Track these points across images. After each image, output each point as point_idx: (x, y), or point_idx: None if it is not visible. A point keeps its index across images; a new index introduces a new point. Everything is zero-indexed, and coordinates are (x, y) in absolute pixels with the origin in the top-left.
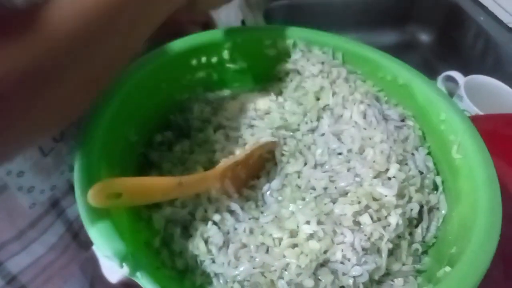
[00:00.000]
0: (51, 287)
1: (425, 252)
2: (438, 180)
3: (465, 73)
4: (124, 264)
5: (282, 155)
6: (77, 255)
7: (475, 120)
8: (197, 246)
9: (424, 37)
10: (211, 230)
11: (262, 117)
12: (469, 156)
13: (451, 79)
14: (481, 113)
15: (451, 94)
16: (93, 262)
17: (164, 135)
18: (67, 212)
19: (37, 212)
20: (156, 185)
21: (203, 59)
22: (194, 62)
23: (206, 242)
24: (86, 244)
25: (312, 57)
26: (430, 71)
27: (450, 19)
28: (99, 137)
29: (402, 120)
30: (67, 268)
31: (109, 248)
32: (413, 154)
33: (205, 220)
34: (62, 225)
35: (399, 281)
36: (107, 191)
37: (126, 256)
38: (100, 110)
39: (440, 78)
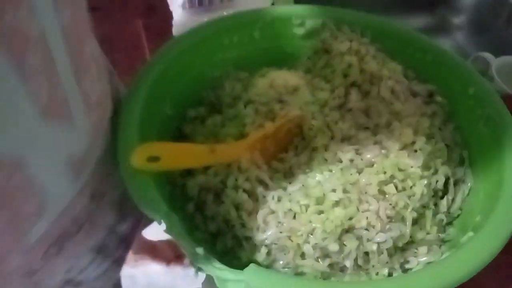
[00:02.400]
0: None
1: (450, 223)
2: (465, 154)
3: (497, 55)
4: (162, 221)
5: (310, 129)
6: None
7: (506, 100)
8: (228, 212)
9: (455, 19)
10: (241, 197)
11: (291, 93)
12: (497, 130)
13: (482, 60)
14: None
15: (483, 75)
16: None
17: (197, 110)
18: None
19: None
20: (191, 150)
21: (235, 39)
22: (226, 41)
23: (236, 208)
24: None
25: (341, 35)
26: (461, 53)
27: (482, 1)
28: (137, 111)
29: (430, 96)
30: None
31: (150, 205)
32: (440, 128)
33: (236, 188)
34: None
35: (423, 249)
36: (147, 154)
37: (165, 214)
38: (137, 86)
39: (470, 59)
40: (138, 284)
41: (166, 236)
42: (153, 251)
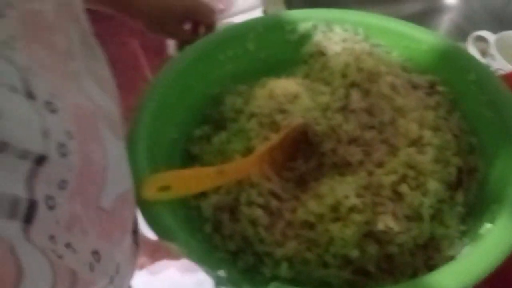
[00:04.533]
0: None
1: (468, 214)
2: (474, 140)
3: (496, 31)
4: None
5: (315, 135)
6: None
7: (509, 77)
8: (245, 229)
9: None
10: (256, 212)
11: (292, 101)
12: (503, 112)
13: (482, 39)
14: None
15: (483, 54)
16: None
17: (202, 129)
18: None
19: None
20: (200, 174)
21: (230, 53)
22: (221, 56)
23: (253, 224)
24: None
25: (334, 36)
26: (460, 33)
27: None
28: (143, 140)
29: (432, 87)
30: None
31: (167, 234)
32: (446, 119)
33: (250, 204)
34: None
35: (444, 244)
36: (158, 184)
37: (183, 241)
38: (141, 115)
39: (470, 38)
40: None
41: None
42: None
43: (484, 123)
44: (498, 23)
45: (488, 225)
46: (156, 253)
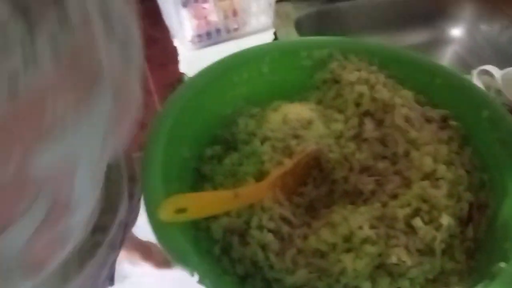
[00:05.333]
0: None
1: (477, 249)
2: (485, 177)
3: (501, 66)
4: (194, 273)
5: (328, 161)
6: None
7: None
8: (255, 253)
9: (455, 31)
10: (267, 237)
11: (306, 127)
12: None
13: (487, 73)
14: None
15: (488, 88)
16: None
17: (214, 149)
18: None
19: None
20: (216, 198)
21: (244, 75)
22: (236, 78)
23: (263, 248)
24: None
25: (349, 65)
26: (464, 66)
27: (480, 12)
28: (158, 159)
29: (444, 121)
30: None
31: (181, 258)
32: (458, 153)
33: (260, 228)
34: None
35: (453, 279)
36: (175, 207)
37: (196, 265)
38: (155, 135)
39: (475, 72)
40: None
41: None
42: (146, 252)
43: (495, 160)
44: (502, 59)
45: (502, 264)
46: (147, 255)
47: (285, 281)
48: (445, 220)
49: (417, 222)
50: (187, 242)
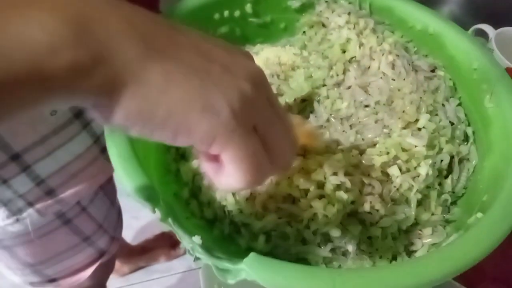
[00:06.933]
0: (79, 194)
1: (454, 203)
2: (469, 130)
3: (496, 26)
4: (156, 209)
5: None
6: (105, 168)
7: (509, 72)
8: (225, 197)
9: None
10: None
11: (287, 73)
12: (502, 104)
13: (481, 32)
14: None
15: None
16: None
17: None
18: (93, 126)
19: (59, 120)
20: None
21: (226, 13)
22: (216, 16)
23: (233, 193)
24: None
25: (338, 8)
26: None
27: None
28: None
29: (432, 71)
30: (96, 178)
31: (143, 194)
32: (443, 105)
33: None
34: (89, 137)
35: (427, 231)
36: None
37: (159, 202)
38: None
39: (469, 31)
40: None
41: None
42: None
43: (482, 113)
44: (498, 18)
45: (479, 215)
46: (130, 257)
47: (254, 226)
48: (423, 170)
49: (394, 170)
50: (153, 181)
